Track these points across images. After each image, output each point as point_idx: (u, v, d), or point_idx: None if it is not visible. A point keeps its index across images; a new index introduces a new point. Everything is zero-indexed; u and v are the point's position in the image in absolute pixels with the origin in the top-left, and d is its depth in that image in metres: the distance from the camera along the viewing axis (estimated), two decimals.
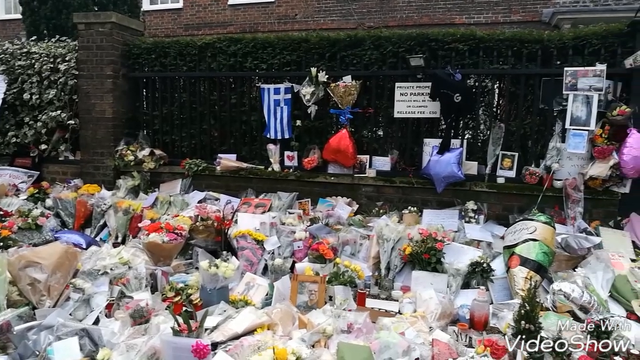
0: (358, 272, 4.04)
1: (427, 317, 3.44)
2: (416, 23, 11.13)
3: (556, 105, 4.78)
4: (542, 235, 3.99)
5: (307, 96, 5.35)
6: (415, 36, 5.16)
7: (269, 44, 5.71)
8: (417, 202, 5.17)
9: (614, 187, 4.59)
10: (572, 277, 3.73)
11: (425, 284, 4.00)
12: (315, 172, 5.51)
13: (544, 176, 4.74)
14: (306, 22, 12.52)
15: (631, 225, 4.41)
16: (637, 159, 4.31)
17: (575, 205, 4.57)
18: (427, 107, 5.16)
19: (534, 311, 2.97)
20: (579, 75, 4.58)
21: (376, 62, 5.33)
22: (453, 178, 4.92)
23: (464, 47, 5.01)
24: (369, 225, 4.90)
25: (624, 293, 3.59)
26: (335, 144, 5.29)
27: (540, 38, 4.84)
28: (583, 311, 3.42)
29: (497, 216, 4.93)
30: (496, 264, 4.17)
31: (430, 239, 4.23)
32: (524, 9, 10.67)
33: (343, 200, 5.34)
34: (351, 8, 12.15)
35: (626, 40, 4.60)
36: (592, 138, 4.56)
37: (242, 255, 4.44)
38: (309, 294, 3.72)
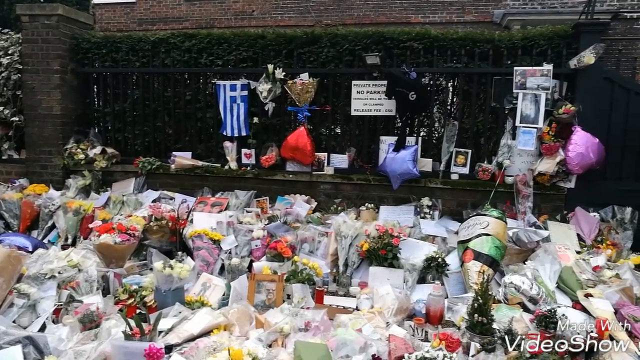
0: (316, 270, 4.04)
1: (384, 312, 3.48)
2: (373, 21, 11.21)
3: (507, 104, 4.93)
4: (494, 230, 4.11)
5: (264, 93, 5.30)
6: (371, 34, 5.20)
7: (224, 40, 5.62)
8: (374, 199, 5.22)
9: (560, 183, 4.78)
10: (522, 270, 3.86)
11: (382, 280, 4.04)
12: (273, 170, 5.47)
13: (496, 172, 4.88)
14: (264, 18, 12.41)
15: (576, 218, 4.60)
16: (582, 156, 4.50)
17: (526, 200, 4.73)
18: (383, 105, 5.21)
19: (486, 304, 3.06)
20: (527, 74, 4.74)
21: (333, 60, 5.33)
22: (408, 175, 4.99)
23: (418, 45, 5.08)
24: (327, 222, 4.90)
25: (569, 284, 3.74)
26: (293, 141, 5.27)
27: (492, 38, 4.98)
28: (532, 302, 3.54)
29: (452, 212, 5.04)
30: (451, 259, 4.26)
31: (387, 235, 4.28)
32: (476, 9, 10.95)
33: (301, 197, 5.33)
34: (309, 5, 12.13)
35: (571, 41, 4.80)
36: (540, 135, 4.73)
37: (198, 256, 4.36)
38: (267, 293, 3.69)
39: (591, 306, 3.45)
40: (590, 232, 4.46)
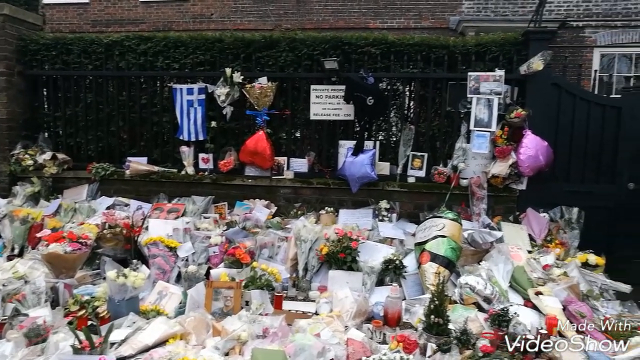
0: (275, 275, 4.01)
1: (343, 316, 3.49)
2: (332, 26, 11.26)
3: (462, 108, 5.05)
4: (450, 232, 4.19)
5: (222, 97, 5.24)
6: (329, 39, 5.23)
7: (181, 43, 5.53)
8: (333, 203, 5.24)
9: (512, 185, 4.94)
10: (477, 270, 3.95)
11: (341, 283, 4.05)
12: (231, 175, 5.41)
13: (451, 175, 4.99)
14: (223, 22, 12.27)
15: (528, 219, 4.75)
16: (532, 158, 4.67)
17: (480, 202, 4.85)
18: (342, 109, 5.24)
19: (442, 305, 3.11)
20: (481, 79, 4.88)
21: (292, 64, 5.34)
22: (367, 178, 5.04)
23: (376, 51, 5.15)
24: (287, 227, 4.88)
25: (521, 283, 3.85)
26: (252, 145, 5.23)
27: (446, 44, 5.10)
28: (487, 302, 3.63)
29: (409, 214, 5.11)
30: (408, 261, 4.31)
31: (346, 238, 4.30)
32: (433, 16, 11.17)
33: (261, 202, 5.29)
34: (268, 9, 12.08)
35: (521, 48, 4.97)
36: (493, 139, 4.87)
37: (154, 263, 4.25)
38: (225, 300, 3.63)
39: (541, 304, 3.58)
40: (541, 232, 4.62)
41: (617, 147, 4.95)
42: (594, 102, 4.98)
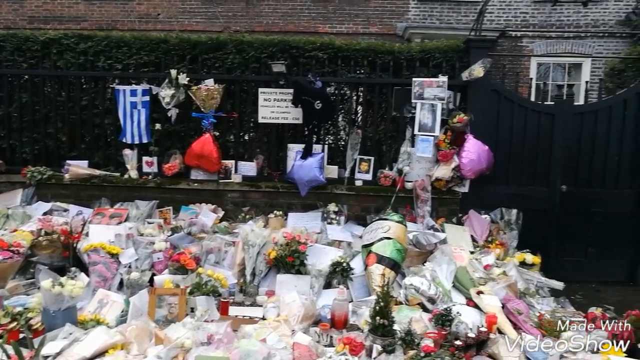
0: (221, 281, 3.95)
1: (290, 320, 3.47)
2: (282, 30, 11.25)
3: (406, 113, 5.17)
4: (395, 234, 4.26)
5: (167, 99, 5.13)
6: (277, 43, 5.23)
7: (124, 43, 5.37)
8: (282, 206, 5.22)
9: (455, 187, 5.10)
10: (421, 271, 4.05)
11: (289, 287, 4.04)
12: (177, 179, 5.28)
13: (397, 178, 5.10)
14: (170, 22, 11.99)
15: (470, 221, 4.92)
16: (474, 162, 4.84)
17: (424, 205, 4.98)
18: (290, 113, 5.24)
19: (387, 307, 3.16)
20: (425, 85, 5.01)
21: (239, 67, 5.30)
22: (315, 182, 5.06)
23: (323, 55, 5.20)
24: (234, 231, 4.83)
25: (464, 283, 3.98)
26: (199, 148, 5.13)
27: (392, 50, 5.21)
28: (431, 302, 3.73)
29: (357, 217, 5.17)
30: (356, 263, 4.36)
31: (294, 241, 4.29)
32: (381, 22, 11.39)
33: (207, 207, 5.19)
34: (217, 11, 11.92)
35: (463, 55, 5.16)
36: (437, 143, 5.02)
37: (94, 271, 4.08)
38: (169, 308, 3.54)
39: (482, 302, 3.71)
40: (482, 233, 4.79)
41: (551, 152, 5.21)
42: (531, 109, 5.23)
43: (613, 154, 5.18)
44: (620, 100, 5.19)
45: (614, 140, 5.19)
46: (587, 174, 5.23)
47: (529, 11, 11.09)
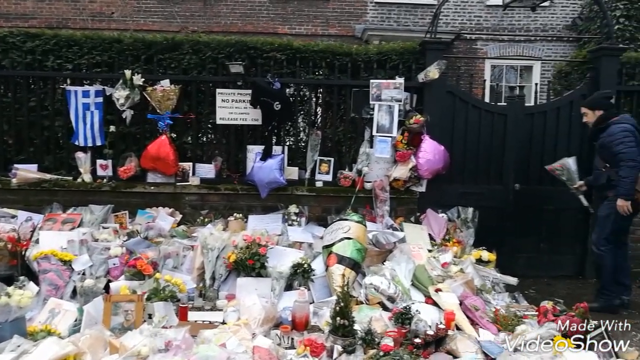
0: (179, 286, 3.88)
1: (251, 323, 3.44)
2: (240, 30, 11.16)
3: (365, 114, 5.22)
4: (355, 234, 4.30)
5: (121, 100, 4.99)
6: (234, 43, 5.18)
7: (74, 43, 5.19)
8: (242, 209, 5.17)
9: (413, 187, 5.19)
10: (381, 270, 4.10)
11: (250, 290, 4.00)
12: (132, 182, 5.14)
13: (356, 179, 5.14)
14: (125, 21, 11.67)
15: (427, 219, 5.02)
16: (430, 162, 4.94)
17: (383, 205, 5.04)
18: (249, 114, 5.20)
19: (347, 307, 3.18)
20: (382, 87, 5.08)
21: (196, 67, 5.21)
22: (276, 183, 5.04)
23: (281, 56, 5.18)
24: (193, 235, 4.74)
25: (422, 281, 4.05)
26: (155, 151, 5.02)
27: (350, 51, 5.25)
28: (391, 301, 3.78)
29: (317, 218, 5.18)
30: (317, 264, 4.37)
31: (255, 244, 4.26)
32: (339, 23, 11.48)
33: (165, 210, 5.08)
34: (174, 11, 11.70)
35: (419, 57, 5.26)
36: (394, 144, 5.09)
37: (45, 279, 3.93)
38: (125, 315, 3.44)
39: (440, 300, 3.79)
40: (440, 232, 4.90)
41: (504, 151, 5.38)
42: (484, 110, 5.39)
43: (562, 153, 5.38)
44: (567, 102, 5.42)
45: (562, 140, 5.40)
46: (538, 173, 5.42)
47: (483, 15, 11.44)
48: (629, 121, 4.33)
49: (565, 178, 4.88)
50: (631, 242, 5.37)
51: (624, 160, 4.15)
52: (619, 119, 4.34)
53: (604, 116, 4.40)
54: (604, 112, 4.42)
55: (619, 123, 4.29)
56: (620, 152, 4.17)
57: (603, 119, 4.39)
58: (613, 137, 4.24)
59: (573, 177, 4.84)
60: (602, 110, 4.43)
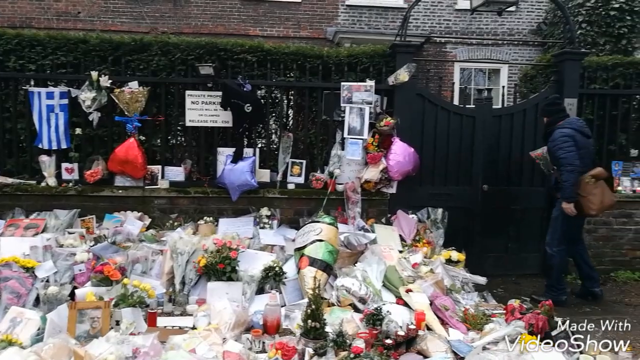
0: (148, 291, 3.79)
1: (222, 328, 3.40)
2: (211, 32, 11.06)
3: (336, 116, 5.25)
4: (327, 236, 4.30)
5: (87, 102, 4.89)
6: (204, 45, 5.13)
7: (37, 42, 5.06)
8: (213, 212, 5.11)
9: (384, 189, 5.24)
10: (353, 272, 4.11)
11: (221, 295, 3.95)
12: (100, 186, 5.03)
13: (328, 181, 5.15)
14: (92, 21, 11.42)
15: (398, 221, 5.06)
16: (401, 164, 4.99)
17: (355, 206, 5.07)
18: (219, 116, 5.16)
19: (318, 309, 3.18)
20: (353, 89, 5.10)
21: (165, 69, 5.15)
22: (247, 186, 5.00)
23: (252, 58, 5.16)
24: (162, 239, 4.67)
25: (393, 282, 4.08)
26: (123, 154, 4.93)
27: (321, 54, 5.27)
28: (362, 302, 3.79)
29: (290, 220, 5.17)
30: (289, 267, 4.35)
31: (225, 248, 4.21)
32: (311, 26, 11.49)
33: (133, 214, 4.99)
34: (143, 11, 11.51)
35: (389, 60, 5.31)
36: (365, 146, 5.13)
37: (6, 287, 3.78)
38: (92, 322, 3.35)
39: (411, 300, 3.82)
40: (410, 233, 4.94)
41: (473, 153, 5.48)
42: (453, 112, 5.48)
43: (528, 154, 5.52)
44: (533, 104, 5.55)
45: (528, 141, 5.53)
46: (505, 174, 5.55)
47: (452, 19, 11.63)
48: (571, 125, 4.57)
49: (543, 166, 5.23)
50: (593, 241, 5.59)
51: (564, 165, 4.44)
52: (562, 124, 4.60)
53: (550, 122, 4.69)
54: (549, 119, 4.72)
55: (561, 128, 4.56)
56: (560, 157, 4.45)
57: (549, 124, 4.69)
58: (554, 142, 4.53)
59: (549, 165, 5.08)
60: (546, 117, 4.77)
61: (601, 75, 5.69)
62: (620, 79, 5.69)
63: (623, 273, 5.56)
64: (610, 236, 5.63)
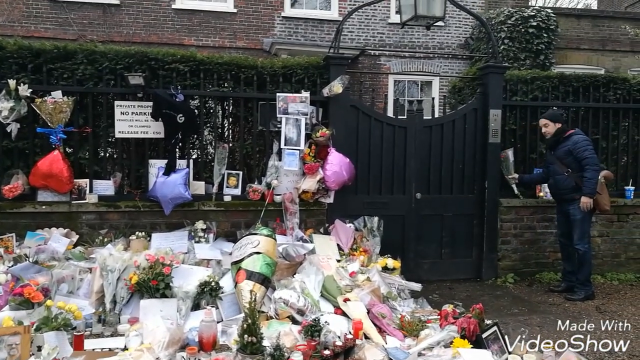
0: (74, 313, 3.58)
1: (155, 347, 3.26)
2: (144, 41, 10.75)
3: (272, 127, 5.23)
4: (264, 248, 4.25)
5: (5, 112, 4.58)
6: (134, 54, 4.96)
7: None
8: (145, 227, 4.94)
9: (321, 199, 5.27)
10: (291, 283, 4.08)
11: (154, 312, 3.80)
12: (20, 201, 4.72)
13: (266, 192, 5.11)
14: (12, 27, 10.78)
15: (336, 230, 5.10)
16: (337, 174, 5.05)
17: (293, 217, 5.06)
18: (150, 127, 5.00)
19: (255, 323, 3.12)
20: (289, 100, 5.12)
21: (92, 78, 4.92)
22: (180, 199, 4.86)
23: (184, 68, 5.05)
24: (91, 256, 4.43)
25: (331, 291, 4.09)
26: (46, 167, 4.65)
27: (255, 64, 5.24)
28: (300, 314, 3.77)
29: (226, 233, 5.07)
30: (225, 281, 4.25)
31: (158, 264, 4.06)
32: (247, 36, 11.44)
33: (59, 231, 4.70)
34: (69, 17, 11.00)
35: (323, 72, 5.38)
36: (302, 157, 5.15)
37: None
38: (9, 349, 3.10)
39: (349, 310, 3.85)
40: (347, 241, 4.99)
41: (406, 162, 5.63)
42: (386, 123, 5.61)
43: (458, 162, 5.76)
44: (461, 115, 5.80)
45: (458, 150, 5.77)
46: (437, 182, 5.74)
47: (385, 32, 11.99)
48: (581, 132, 5.21)
49: (504, 167, 5.79)
50: (520, 245, 5.92)
51: (590, 165, 4.95)
52: (576, 131, 5.21)
53: (563, 128, 5.18)
54: (562, 125, 5.22)
55: (579, 134, 5.15)
56: (587, 157, 4.95)
57: (562, 130, 5.16)
58: (579, 145, 5.01)
59: (510, 167, 5.79)
60: (560, 124, 5.21)
61: (522, 87, 6.04)
62: (539, 91, 6.07)
63: (547, 274, 5.88)
64: (535, 239, 5.94)
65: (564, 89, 6.09)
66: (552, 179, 5.28)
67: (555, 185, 5.25)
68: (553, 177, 5.26)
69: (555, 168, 5.20)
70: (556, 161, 5.19)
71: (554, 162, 5.23)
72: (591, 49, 11.99)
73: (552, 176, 5.27)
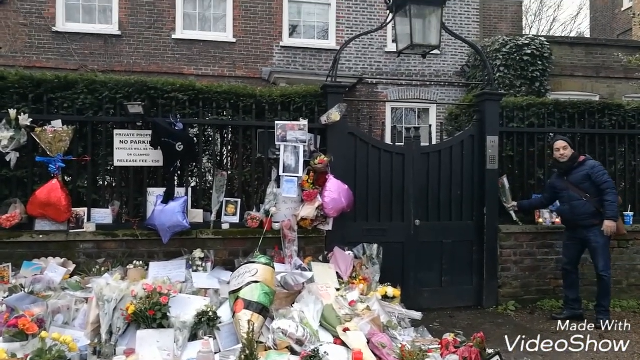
0: (69, 344, 3.51)
1: None
2: (144, 70, 10.89)
3: (271, 155, 5.26)
4: (263, 277, 4.20)
5: (4, 142, 4.61)
6: (133, 83, 5.02)
7: None
8: (143, 256, 4.89)
9: (320, 226, 5.25)
10: (290, 313, 4.02)
11: (151, 343, 3.74)
12: (17, 231, 4.69)
13: (264, 220, 5.09)
14: (14, 57, 10.95)
15: (335, 258, 5.06)
16: (336, 201, 5.05)
17: (292, 245, 5.03)
18: (149, 155, 5.01)
19: (253, 355, 3.08)
20: (287, 128, 5.16)
21: (91, 107, 4.96)
22: (179, 227, 4.84)
23: (184, 97, 5.10)
24: (88, 286, 4.38)
25: (330, 321, 4.03)
26: (44, 196, 4.64)
27: (254, 93, 5.30)
28: (299, 344, 3.70)
29: (224, 262, 5.03)
30: (223, 311, 4.18)
31: (155, 293, 4.01)
32: (246, 65, 11.61)
33: (55, 261, 4.66)
34: (71, 48, 11.18)
35: (321, 100, 5.44)
36: (301, 184, 5.15)
37: None
38: None
39: (348, 339, 3.79)
40: (347, 270, 4.95)
41: (404, 189, 5.64)
42: (384, 150, 5.65)
43: (456, 188, 5.77)
44: (458, 142, 5.84)
45: (456, 177, 5.78)
46: (436, 209, 5.73)
47: (382, 60, 12.19)
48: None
49: (501, 194, 5.79)
50: (520, 272, 5.87)
51: (611, 188, 4.97)
52: (588, 157, 5.33)
53: (577, 154, 5.23)
54: (574, 151, 5.25)
55: (591, 159, 5.26)
56: (607, 181, 4.99)
57: (576, 156, 5.19)
58: (596, 169, 5.07)
59: (507, 194, 5.79)
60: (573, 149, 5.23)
61: (518, 114, 6.10)
62: (535, 118, 6.13)
63: (548, 302, 5.82)
64: (535, 266, 5.90)
65: (559, 116, 6.16)
66: (568, 205, 5.17)
67: (572, 212, 5.13)
68: (569, 203, 5.16)
69: (571, 194, 5.12)
70: (570, 186, 5.13)
71: (566, 187, 5.17)
72: (585, 76, 12.15)
73: (568, 202, 5.17)
